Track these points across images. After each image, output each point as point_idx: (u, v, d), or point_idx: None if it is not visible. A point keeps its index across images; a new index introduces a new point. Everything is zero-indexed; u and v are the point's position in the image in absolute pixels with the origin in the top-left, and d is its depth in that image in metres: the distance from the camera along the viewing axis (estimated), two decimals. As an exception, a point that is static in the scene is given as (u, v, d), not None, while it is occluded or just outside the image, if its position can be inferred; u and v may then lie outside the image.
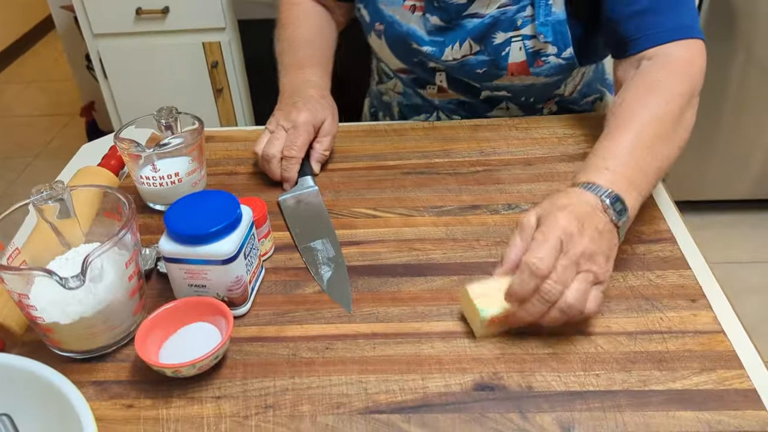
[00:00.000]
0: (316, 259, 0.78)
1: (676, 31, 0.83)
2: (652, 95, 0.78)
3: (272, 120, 0.94)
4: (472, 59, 0.97)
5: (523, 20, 0.93)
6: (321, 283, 0.75)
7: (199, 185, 0.88)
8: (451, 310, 0.70)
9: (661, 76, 0.80)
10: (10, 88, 3.66)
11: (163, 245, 0.67)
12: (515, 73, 0.97)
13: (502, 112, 1.06)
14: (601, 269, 0.63)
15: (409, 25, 0.98)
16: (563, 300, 0.61)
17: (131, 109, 2.17)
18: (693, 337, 0.65)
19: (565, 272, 0.61)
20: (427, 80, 1.05)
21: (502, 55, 0.95)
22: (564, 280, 0.61)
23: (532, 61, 0.95)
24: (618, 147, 0.73)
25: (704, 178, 2.17)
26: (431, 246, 0.79)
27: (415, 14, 0.98)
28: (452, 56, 0.97)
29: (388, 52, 1.03)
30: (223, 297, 0.69)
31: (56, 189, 0.68)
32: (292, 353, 0.66)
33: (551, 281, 0.61)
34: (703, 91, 0.86)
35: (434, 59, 0.99)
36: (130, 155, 0.83)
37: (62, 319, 0.63)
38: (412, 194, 0.88)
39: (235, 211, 0.68)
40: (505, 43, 0.94)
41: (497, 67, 0.97)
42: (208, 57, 2.05)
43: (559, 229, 0.63)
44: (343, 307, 0.71)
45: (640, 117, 0.76)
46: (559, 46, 0.93)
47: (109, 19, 2.00)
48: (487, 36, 0.95)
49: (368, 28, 1.04)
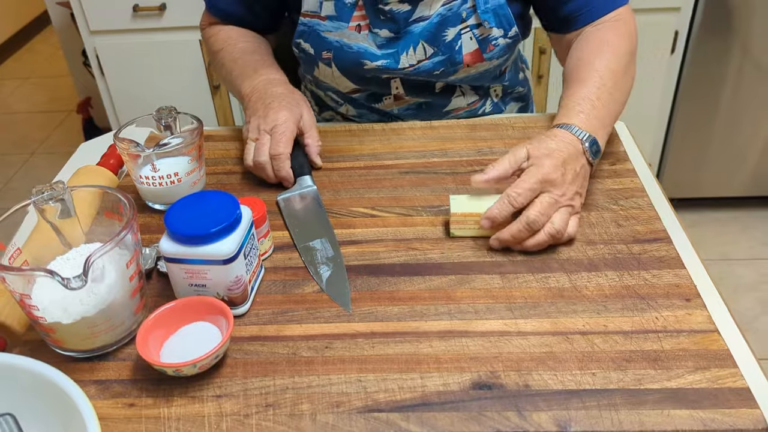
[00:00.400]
0: (314, 258, 0.79)
1: (611, 1, 0.95)
2: (604, 52, 0.91)
3: (250, 128, 0.92)
4: (427, 63, 0.99)
5: (467, 11, 0.96)
6: (320, 282, 0.75)
7: (198, 185, 0.88)
8: (449, 310, 0.70)
9: (608, 37, 0.94)
10: (6, 85, 3.65)
11: (164, 245, 0.68)
12: (470, 64, 0.99)
13: (459, 100, 1.08)
14: (576, 203, 0.79)
15: (359, 44, 0.98)
16: (552, 226, 0.75)
17: (128, 105, 2.16)
18: (688, 336, 0.66)
19: (550, 208, 0.76)
20: (383, 92, 1.06)
21: (456, 50, 0.98)
22: (548, 212, 0.75)
23: (484, 48, 0.98)
24: (586, 94, 0.86)
25: (700, 175, 2.18)
26: (429, 246, 0.79)
27: (362, 33, 0.98)
28: (408, 62, 0.98)
29: (339, 77, 1.03)
30: (223, 296, 0.70)
31: (57, 189, 0.68)
32: (292, 352, 0.67)
33: (536, 213, 0.75)
34: (699, 88, 0.95)
35: (390, 71, 1.00)
36: (130, 155, 0.83)
37: (64, 319, 0.63)
38: (410, 194, 0.89)
39: (235, 212, 0.69)
40: (456, 38, 0.97)
41: (453, 63, 0.99)
42: (205, 54, 2.05)
43: (543, 174, 0.76)
44: (342, 306, 0.72)
45: (599, 70, 0.89)
46: (504, 27, 0.98)
47: (106, 15, 1.99)
48: (438, 35, 0.97)
49: (313, 60, 1.03)
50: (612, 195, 0.85)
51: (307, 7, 0.99)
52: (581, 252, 0.77)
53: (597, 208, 0.83)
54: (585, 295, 0.71)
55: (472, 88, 1.07)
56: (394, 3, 0.96)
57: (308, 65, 1.05)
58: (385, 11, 0.96)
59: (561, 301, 0.70)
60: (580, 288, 0.72)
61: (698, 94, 2.02)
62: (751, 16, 1.87)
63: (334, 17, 0.98)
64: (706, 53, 1.94)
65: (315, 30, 0.99)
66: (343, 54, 0.99)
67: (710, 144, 2.11)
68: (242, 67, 1.01)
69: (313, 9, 0.99)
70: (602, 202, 0.84)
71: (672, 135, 2.10)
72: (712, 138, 2.10)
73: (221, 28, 1.09)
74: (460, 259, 0.77)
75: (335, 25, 0.98)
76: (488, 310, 0.70)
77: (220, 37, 1.08)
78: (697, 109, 2.05)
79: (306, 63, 1.06)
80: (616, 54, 0.91)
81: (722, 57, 1.95)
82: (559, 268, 0.75)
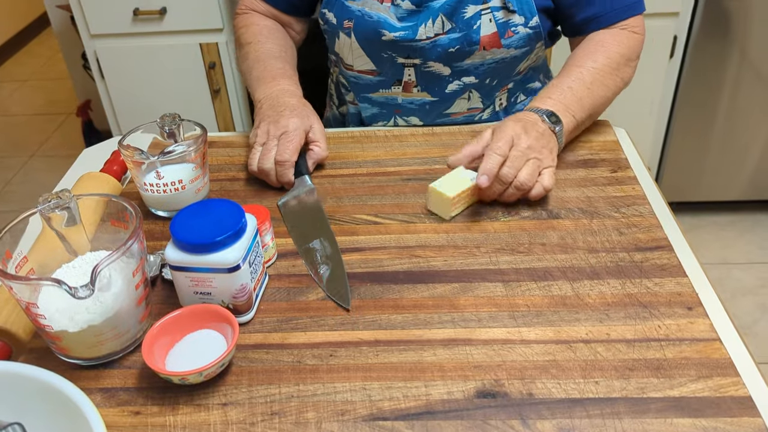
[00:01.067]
0: (315, 259, 0.79)
1: (627, 9, 1.00)
2: (596, 52, 0.98)
3: (259, 132, 0.94)
4: (444, 38, 1.00)
5: None
6: (320, 283, 0.76)
7: (202, 191, 0.88)
8: (453, 318, 0.71)
9: (605, 40, 0.99)
10: (5, 87, 3.65)
11: (169, 254, 0.68)
12: (487, 47, 1.01)
13: (463, 102, 1.09)
14: (546, 158, 0.85)
15: (379, 14, 1.01)
16: (517, 180, 0.82)
17: (128, 108, 2.17)
18: (690, 344, 0.66)
19: (517, 160, 0.83)
20: (395, 76, 1.07)
21: (474, 29, 0.99)
22: (517, 165, 0.83)
23: (503, 32, 1.00)
24: (561, 84, 0.94)
25: (699, 179, 2.19)
26: (432, 253, 0.80)
27: (384, 4, 1.01)
28: (425, 34, 1.00)
29: (358, 50, 1.05)
30: (228, 304, 0.70)
31: (63, 198, 0.69)
32: (297, 360, 0.68)
33: (506, 167, 0.82)
34: (698, 92, 0.99)
35: (407, 41, 1.01)
36: (134, 163, 0.84)
37: (70, 327, 0.64)
38: (413, 201, 0.89)
39: (240, 220, 0.69)
40: (475, 17, 0.99)
41: (469, 42, 1.00)
42: (206, 58, 2.05)
43: (510, 130, 0.85)
44: (340, 304, 0.73)
45: (583, 65, 0.96)
46: (525, 15, 1.00)
47: (107, 19, 1.99)
48: (458, 11, 0.99)
49: (335, 29, 1.05)
50: (613, 202, 0.86)
51: None
52: (583, 260, 0.77)
53: (599, 216, 0.84)
54: (587, 303, 0.71)
55: (480, 94, 1.08)
56: None
57: (331, 38, 1.08)
58: None
59: (563, 310, 0.71)
60: (583, 296, 0.72)
61: (697, 98, 2.02)
62: (750, 21, 1.88)
63: None
64: (705, 58, 1.95)
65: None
66: (364, 23, 1.02)
67: (709, 148, 2.12)
68: (262, 71, 1.03)
69: None
70: (604, 210, 0.85)
71: (671, 138, 2.11)
72: (710, 142, 2.11)
73: (254, 21, 1.12)
74: (462, 267, 0.78)
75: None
76: (491, 318, 0.70)
77: (251, 31, 1.10)
78: (696, 112, 2.05)
79: (329, 36, 1.09)
80: (606, 54, 0.97)
81: (721, 61, 1.95)
82: (561, 276, 0.75)
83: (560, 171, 0.93)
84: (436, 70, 1.04)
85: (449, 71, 1.04)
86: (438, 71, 1.04)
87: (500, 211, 0.86)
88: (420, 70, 1.04)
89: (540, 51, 1.08)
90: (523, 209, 0.86)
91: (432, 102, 1.08)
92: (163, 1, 1.96)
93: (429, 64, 1.03)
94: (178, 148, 0.84)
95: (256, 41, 1.08)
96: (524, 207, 0.86)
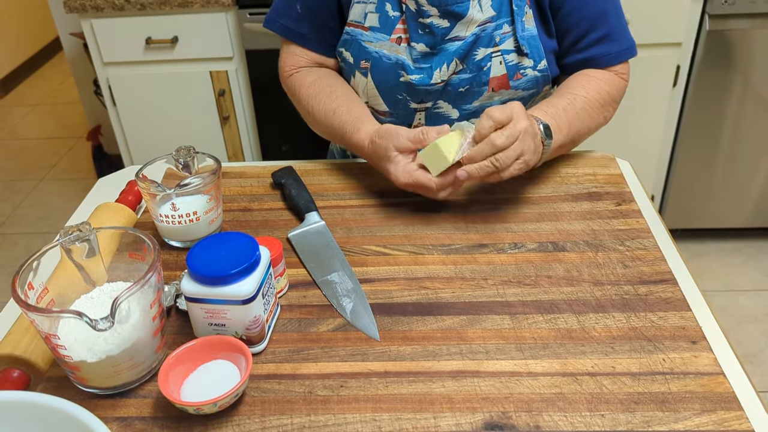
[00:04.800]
0: (335, 291, 0.81)
1: (623, 53, 1.05)
2: (588, 85, 1.02)
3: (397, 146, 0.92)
4: (455, 78, 1.03)
5: (501, 37, 1.01)
6: (344, 314, 0.78)
7: (215, 223, 0.91)
8: (461, 349, 0.72)
9: (595, 75, 1.03)
10: (17, 111, 3.71)
11: (185, 286, 0.70)
12: (496, 88, 1.03)
13: None
14: (529, 164, 0.88)
15: (397, 56, 1.04)
16: (507, 172, 0.86)
17: (139, 134, 2.20)
18: (694, 378, 0.67)
19: (508, 160, 0.85)
20: (406, 122, 1.09)
21: (484, 71, 1.02)
22: (505, 165, 0.85)
23: (512, 74, 1.03)
24: (556, 104, 0.98)
25: (704, 206, 2.21)
26: (440, 285, 0.82)
27: (401, 45, 1.04)
28: (440, 78, 1.03)
29: (373, 90, 1.08)
30: (241, 335, 0.72)
31: (84, 231, 0.71)
32: (308, 391, 0.69)
33: (504, 157, 0.85)
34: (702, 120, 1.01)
35: (423, 86, 1.03)
36: (151, 195, 0.86)
37: (89, 358, 0.66)
38: (421, 232, 0.91)
39: (254, 253, 0.71)
40: (486, 59, 1.02)
41: (479, 83, 1.03)
42: (216, 85, 2.09)
43: (522, 126, 0.85)
44: (369, 335, 0.75)
45: (577, 93, 1.00)
46: (534, 58, 1.03)
47: (119, 47, 2.04)
48: (470, 53, 1.02)
49: (352, 69, 1.08)
50: (618, 235, 0.88)
51: (353, 17, 1.06)
52: (589, 292, 0.79)
53: (604, 249, 0.86)
54: (593, 336, 0.73)
55: None
56: (435, 17, 1.01)
57: (347, 75, 1.11)
58: (425, 24, 1.02)
59: (570, 342, 0.72)
60: (589, 329, 0.74)
61: (700, 126, 2.05)
62: (752, 49, 1.91)
63: (377, 29, 1.04)
64: (708, 86, 1.98)
65: (357, 39, 1.05)
66: (381, 64, 1.04)
67: (713, 175, 2.14)
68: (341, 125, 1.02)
69: (358, 19, 1.05)
70: (609, 243, 0.87)
71: (675, 166, 2.13)
72: (715, 169, 2.13)
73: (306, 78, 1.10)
74: (470, 299, 0.79)
75: (377, 36, 1.04)
76: (499, 350, 0.72)
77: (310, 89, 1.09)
78: (700, 140, 2.08)
79: (346, 73, 1.11)
80: (597, 89, 1.01)
81: (724, 89, 1.98)
82: (567, 309, 0.77)
83: (566, 203, 0.95)
84: (445, 112, 1.07)
85: (458, 114, 1.07)
86: (446, 113, 1.07)
87: (507, 243, 0.88)
88: (430, 112, 1.07)
89: (547, 93, 1.11)
90: (529, 242, 0.88)
91: None
92: (175, 30, 2.00)
93: (438, 105, 1.06)
94: (194, 181, 0.86)
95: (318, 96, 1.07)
96: (531, 240, 0.88)
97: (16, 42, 3.96)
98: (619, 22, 1.04)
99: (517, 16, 1.00)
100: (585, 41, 1.03)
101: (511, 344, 0.73)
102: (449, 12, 1.00)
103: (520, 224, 0.91)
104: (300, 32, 1.10)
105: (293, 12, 1.09)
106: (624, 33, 1.04)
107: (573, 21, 1.02)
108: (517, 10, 1.00)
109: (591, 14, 1.01)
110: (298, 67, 1.13)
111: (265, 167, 1.08)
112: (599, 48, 1.03)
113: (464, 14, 1.00)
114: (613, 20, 1.03)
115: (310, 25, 1.09)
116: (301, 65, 1.13)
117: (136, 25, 1.99)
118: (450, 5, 1.00)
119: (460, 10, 1.00)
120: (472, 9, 1.00)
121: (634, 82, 1.96)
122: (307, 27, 1.09)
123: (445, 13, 1.00)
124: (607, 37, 1.03)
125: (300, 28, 1.10)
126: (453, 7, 1.00)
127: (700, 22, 1.90)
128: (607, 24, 1.02)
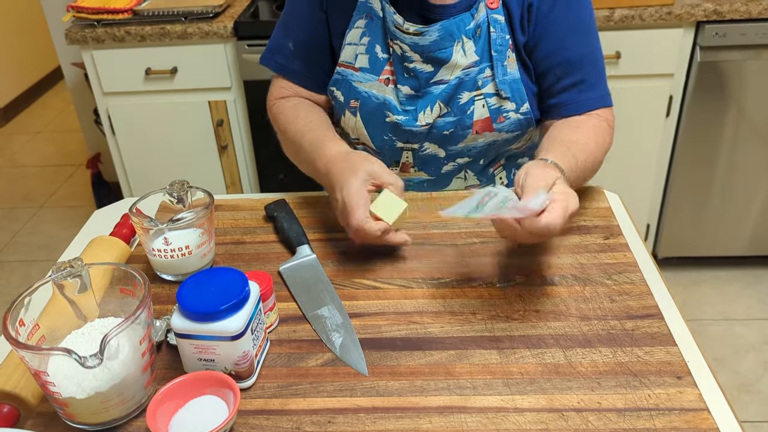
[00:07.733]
0: (325, 326, 0.82)
1: (599, 99, 1.05)
2: (578, 131, 1.00)
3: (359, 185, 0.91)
4: (440, 121, 1.05)
5: (484, 81, 1.03)
6: (333, 349, 0.78)
7: (208, 256, 0.91)
8: (449, 385, 0.73)
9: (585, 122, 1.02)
10: (18, 139, 3.73)
11: (175, 322, 0.71)
12: (479, 131, 1.05)
13: (460, 182, 1.12)
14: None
15: (384, 96, 1.06)
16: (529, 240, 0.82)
17: (138, 163, 2.22)
18: (679, 414, 0.68)
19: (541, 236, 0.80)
20: (394, 159, 1.11)
21: (468, 114, 1.04)
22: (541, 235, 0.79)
23: (495, 117, 1.04)
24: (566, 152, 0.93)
25: (699, 235, 2.21)
26: (429, 319, 0.82)
27: (389, 87, 1.06)
28: (425, 121, 1.04)
29: (361, 129, 1.09)
30: (230, 371, 0.72)
31: (76, 267, 0.72)
32: (296, 426, 0.69)
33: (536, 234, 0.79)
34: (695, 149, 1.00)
35: (408, 127, 1.05)
36: (143, 229, 0.87)
37: (78, 394, 0.66)
38: (411, 265, 0.92)
39: (244, 289, 0.72)
40: (469, 102, 1.03)
41: (463, 126, 1.05)
42: (214, 115, 2.11)
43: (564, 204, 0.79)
44: (358, 371, 0.75)
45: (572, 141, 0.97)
46: (516, 101, 1.04)
47: (119, 78, 2.07)
48: (454, 97, 1.03)
49: (342, 107, 1.10)
50: (606, 269, 0.89)
51: (344, 58, 1.08)
52: (576, 327, 0.79)
53: (591, 283, 0.86)
54: (579, 372, 0.73)
55: (474, 172, 1.11)
56: (417, 62, 1.03)
57: (338, 113, 1.13)
58: (409, 69, 1.04)
59: (556, 378, 0.73)
60: (575, 364, 0.74)
61: (694, 155, 2.07)
62: (744, 81, 1.94)
63: (367, 69, 1.06)
64: (701, 116, 2.00)
65: (347, 79, 1.08)
66: (370, 103, 1.06)
67: (708, 204, 2.15)
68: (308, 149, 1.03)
69: (349, 60, 1.07)
70: (596, 277, 0.87)
71: (670, 194, 2.14)
72: (710, 198, 2.14)
73: (286, 106, 1.12)
74: (459, 333, 0.80)
75: (367, 76, 1.06)
76: (486, 386, 0.72)
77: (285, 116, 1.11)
78: (694, 170, 2.09)
79: (337, 110, 1.13)
80: (597, 142, 1.00)
81: (717, 119, 2.00)
82: (554, 344, 0.77)
83: (555, 239, 0.96)
84: (432, 152, 1.08)
85: (444, 153, 1.08)
86: (434, 153, 1.09)
87: (496, 277, 0.89)
88: (417, 153, 1.09)
89: (533, 134, 1.12)
90: (518, 276, 0.89)
91: (429, 180, 1.12)
92: (175, 61, 2.03)
93: (425, 146, 1.08)
94: (187, 216, 0.87)
95: (293, 122, 1.09)
96: (519, 274, 0.89)
97: (18, 70, 4.00)
98: (596, 70, 1.04)
99: (497, 61, 1.02)
100: (558, 86, 1.04)
101: (498, 379, 0.73)
102: (432, 58, 1.02)
103: (509, 258, 0.92)
104: (292, 68, 1.12)
105: (285, 49, 1.12)
106: (599, 81, 1.04)
107: (547, 65, 1.03)
108: (497, 55, 1.02)
109: (566, 59, 1.02)
110: (282, 97, 1.15)
111: (258, 200, 1.09)
112: (570, 94, 1.03)
113: (448, 59, 1.02)
114: (588, 67, 1.03)
115: (302, 62, 1.12)
116: (287, 96, 1.15)
117: (136, 55, 2.02)
118: (433, 52, 1.02)
119: (443, 56, 1.02)
120: (456, 54, 1.02)
121: (629, 112, 1.99)
122: (299, 64, 1.12)
123: (428, 59, 1.03)
124: (579, 84, 1.03)
125: (292, 64, 1.12)
126: (436, 54, 1.02)
127: (692, 53, 1.93)
128: (581, 71, 1.03)
